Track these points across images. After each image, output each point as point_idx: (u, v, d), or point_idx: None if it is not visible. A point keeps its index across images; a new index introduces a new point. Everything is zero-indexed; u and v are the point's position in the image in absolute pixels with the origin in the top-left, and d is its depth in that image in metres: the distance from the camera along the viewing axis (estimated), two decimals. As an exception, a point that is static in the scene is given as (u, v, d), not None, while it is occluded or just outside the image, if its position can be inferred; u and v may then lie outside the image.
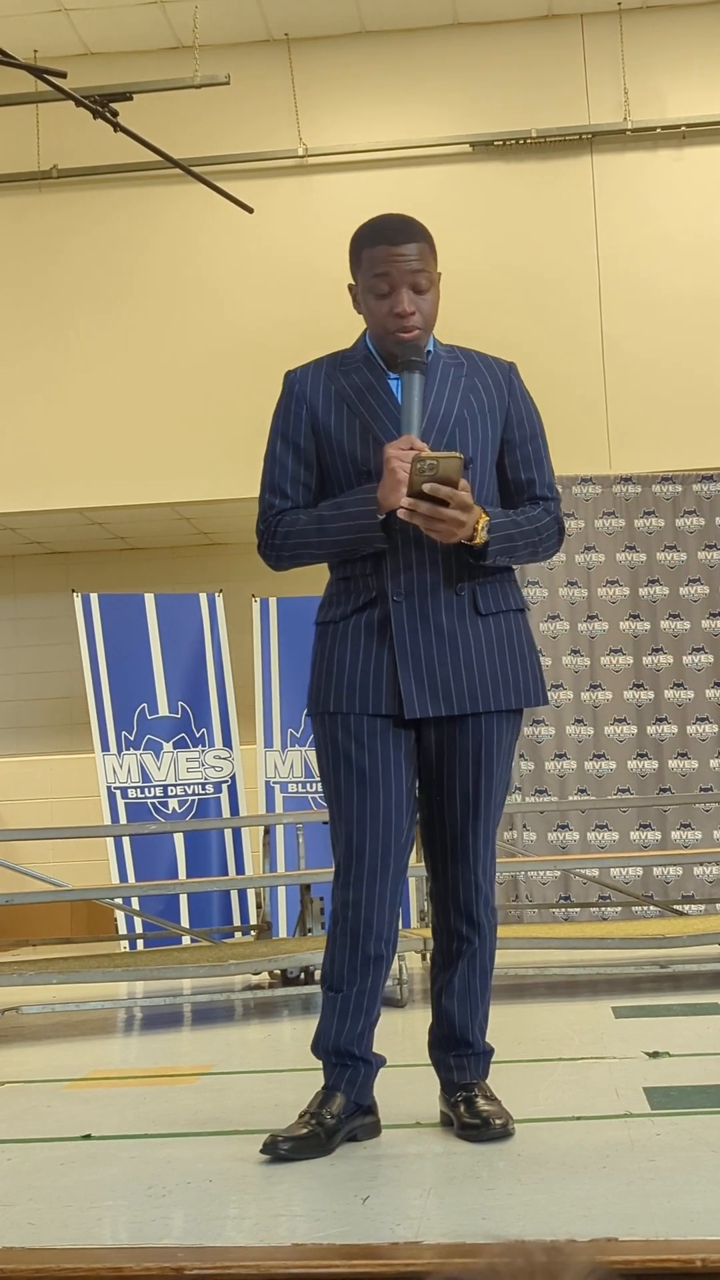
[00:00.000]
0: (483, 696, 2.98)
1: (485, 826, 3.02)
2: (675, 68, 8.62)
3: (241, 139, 8.68)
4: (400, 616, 2.96)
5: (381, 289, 3.00)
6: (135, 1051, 4.90)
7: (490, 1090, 3.03)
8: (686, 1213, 2.31)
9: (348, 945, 2.98)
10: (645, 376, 8.36)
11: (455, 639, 2.97)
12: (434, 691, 2.96)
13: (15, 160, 8.73)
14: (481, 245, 8.55)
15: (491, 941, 3.06)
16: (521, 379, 3.17)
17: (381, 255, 2.99)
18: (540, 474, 3.12)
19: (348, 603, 3.02)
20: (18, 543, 9.44)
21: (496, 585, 3.06)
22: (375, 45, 8.79)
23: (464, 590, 2.99)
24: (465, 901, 3.02)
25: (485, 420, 3.06)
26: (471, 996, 3.04)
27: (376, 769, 2.97)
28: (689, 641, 7.68)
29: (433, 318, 3.05)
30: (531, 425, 3.14)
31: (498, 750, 3.03)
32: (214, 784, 7.54)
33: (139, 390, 8.47)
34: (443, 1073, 3.06)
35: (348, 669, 2.99)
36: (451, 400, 3.04)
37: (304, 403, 3.08)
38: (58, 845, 8.60)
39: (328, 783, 3.04)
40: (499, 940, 3.15)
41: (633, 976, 5.59)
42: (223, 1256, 2.19)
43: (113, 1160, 2.97)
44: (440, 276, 3.09)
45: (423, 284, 3.01)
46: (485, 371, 3.13)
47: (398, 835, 2.98)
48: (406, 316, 2.99)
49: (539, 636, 7.66)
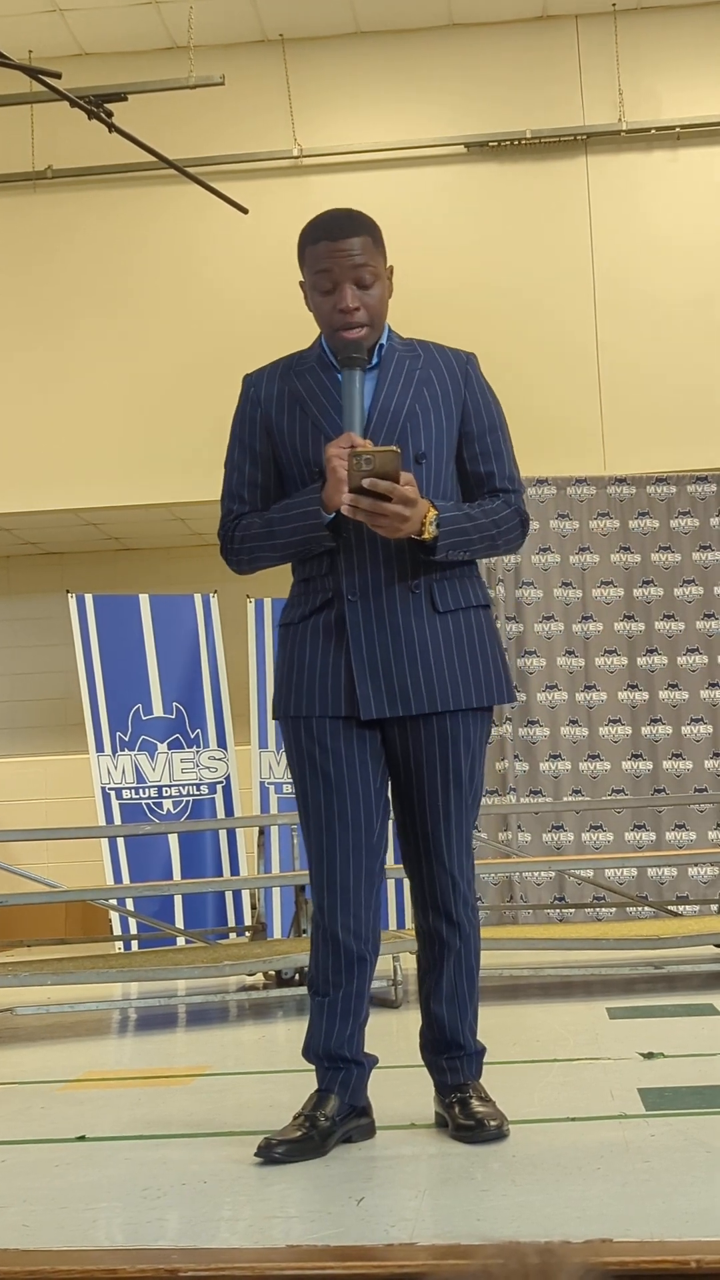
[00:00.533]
0: (441, 695, 2.94)
1: (458, 827, 2.98)
2: (670, 68, 8.63)
3: (236, 139, 8.68)
4: (355, 616, 2.93)
5: (325, 285, 2.97)
6: (130, 1053, 4.90)
7: (484, 1091, 3.02)
8: (681, 1213, 2.31)
9: (329, 949, 2.98)
10: (640, 377, 8.36)
11: (412, 637, 2.93)
12: (390, 692, 2.92)
13: (10, 161, 8.73)
14: (476, 245, 8.56)
15: (475, 941, 3.03)
16: (480, 370, 3.12)
17: (323, 251, 2.96)
18: (500, 466, 3.06)
19: (306, 604, 3.01)
20: (12, 543, 9.43)
21: (455, 582, 3.00)
22: (370, 46, 8.79)
23: (419, 588, 2.95)
24: (443, 903, 2.99)
25: (440, 413, 3.01)
26: (460, 998, 3.01)
27: (342, 772, 2.95)
28: (683, 642, 7.69)
29: (380, 312, 3.00)
30: (490, 417, 3.08)
31: (465, 749, 2.98)
32: (209, 785, 7.53)
33: (134, 391, 8.47)
34: (436, 1075, 3.05)
35: (307, 671, 2.97)
36: (404, 395, 3.00)
37: (258, 406, 3.07)
38: (52, 846, 8.59)
39: (296, 787, 3.03)
40: (493, 941, 3.16)
41: (627, 977, 5.59)
42: (217, 1258, 2.19)
43: (107, 1162, 2.97)
44: (391, 270, 3.04)
45: (366, 278, 2.96)
46: (441, 363, 3.07)
47: (369, 837, 2.96)
48: (350, 313, 2.95)
49: (534, 638, 7.67)
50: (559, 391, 8.38)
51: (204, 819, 7.42)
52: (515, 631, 7.68)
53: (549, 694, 7.62)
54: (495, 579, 7.68)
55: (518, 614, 7.69)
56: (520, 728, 7.60)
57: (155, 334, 8.50)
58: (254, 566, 3.08)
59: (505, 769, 7.54)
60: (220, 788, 7.56)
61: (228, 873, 7.42)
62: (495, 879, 7.48)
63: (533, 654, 7.66)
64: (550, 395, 8.37)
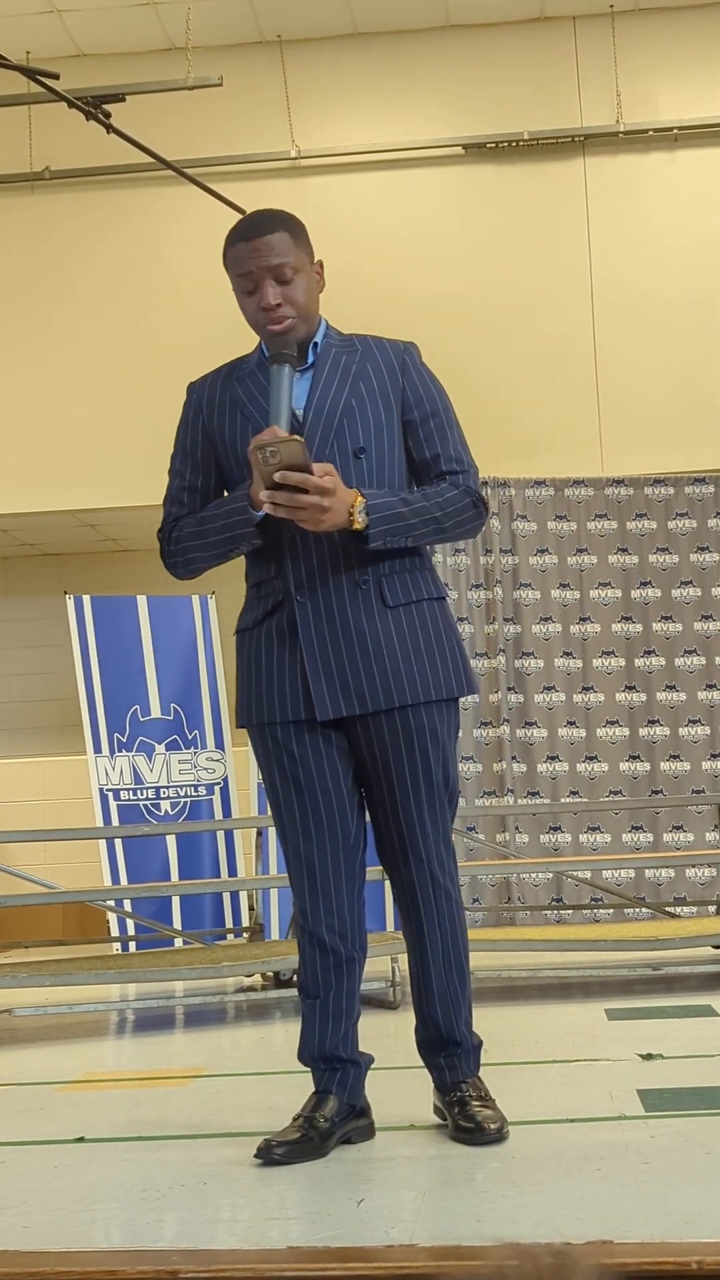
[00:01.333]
0: (398, 690, 2.89)
1: (432, 822, 2.93)
2: (667, 70, 8.63)
3: (234, 141, 8.69)
4: (306, 616, 2.90)
5: (246, 287, 2.96)
6: (128, 1054, 4.89)
7: (484, 1089, 3.00)
8: (682, 1215, 2.31)
9: (315, 952, 2.98)
10: (637, 379, 8.37)
11: (364, 634, 2.89)
12: (345, 690, 2.89)
13: (8, 161, 8.72)
14: (473, 247, 8.56)
15: (461, 935, 2.99)
16: (420, 358, 3.07)
17: (241, 253, 2.95)
18: (445, 448, 3.00)
19: (258, 608, 2.99)
20: (10, 545, 9.43)
21: (406, 576, 2.95)
22: (368, 47, 8.79)
23: (367, 583, 2.91)
24: (424, 900, 2.95)
25: (377, 405, 2.97)
26: (452, 996, 2.98)
27: (311, 776, 2.93)
28: (681, 644, 7.69)
29: (307, 305, 2.97)
30: (432, 402, 3.02)
31: (430, 742, 2.92)
32: (206, 786, 7.53)
33: (131, 391, 8.46)
34: (434, 1073, 3.03)
35: (264, 677, 2.95)
36: (340, 389, 2.97)
37: (200, 412, 3.06)
38: (50, 847, 8.59)
39: (269, 794, 3.01)
40: (491, 942, 3.16)
41: (625, 978, 5.59)
42: (217, 1259, 2.18)
43: (106, 1163, 2.97)
44: (321, 265, 3.02)
45: (286, 273, 2.93)
46: (378, 355, 3.03)
47: (345, 838, 2.95)
48: (273, 309, 2.93)
49: (532, 639, 7.67)
50: (557, 393, 8.39)
51: (202, 820, 7.42)
52: (513, 633, 7.68)
53: (547, 695, 7.62)
54: (493, 580, 7.68)
55: (515, 615, 7.70)
56: (518, 729, 7.60)
57: (153, 334, 8.50)
58: (190, 568, 3.06)
59: (503, 770, 7.54)
60: (218, 789, 7.56)
61: (225, 874, 7.42)
62: (493, 880, 7.48)
63: (530, 655, 7.66)
64: (548, 396, 8.37)
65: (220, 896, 7.33)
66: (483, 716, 7.65)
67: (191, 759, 7.52)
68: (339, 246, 9.51)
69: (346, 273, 8.75)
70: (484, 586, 7.74)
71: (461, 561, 7.73)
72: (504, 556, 7.73)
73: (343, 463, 2.91)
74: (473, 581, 7.75)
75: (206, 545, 2.98)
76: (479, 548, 7.75)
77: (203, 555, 3.00)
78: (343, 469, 2.89)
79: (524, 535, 7.75)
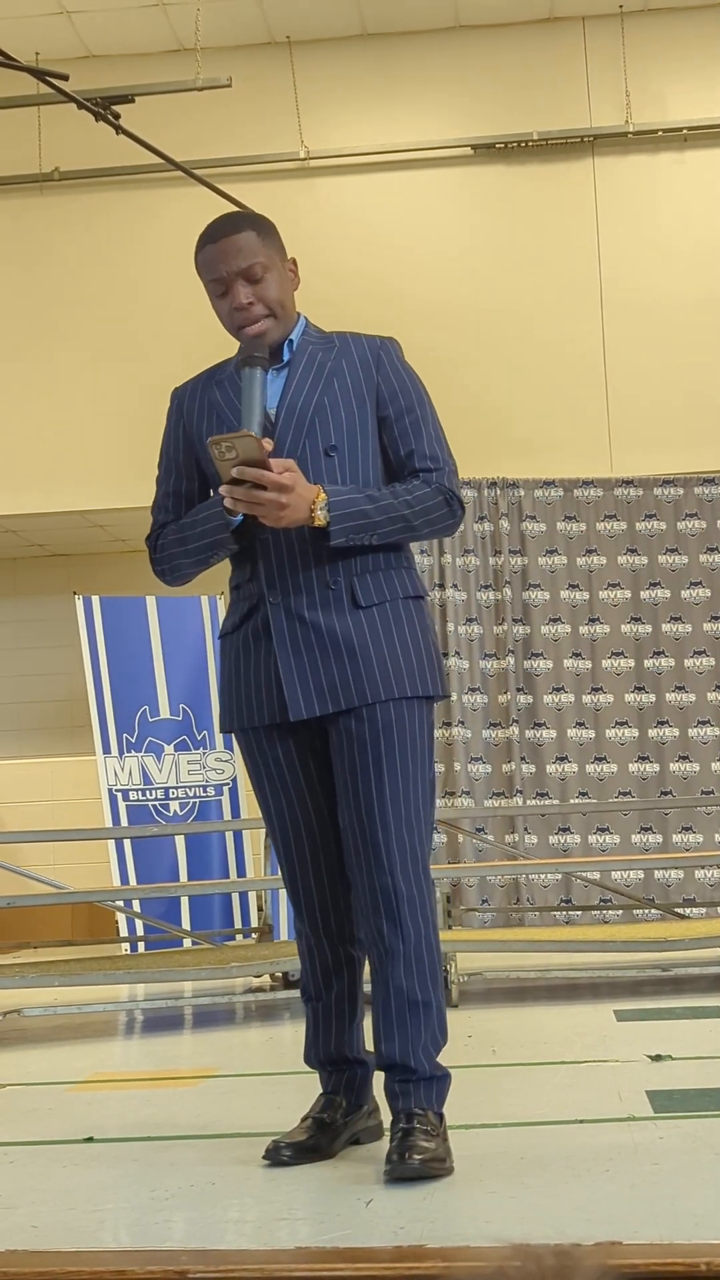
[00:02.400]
0: (370, 686, 2.82)
1: (398, 824, 2.78)
2: (677, 70, 8.62)
3: (243, 141, 8.69)
4: (279, 618, 2.87)
5: (218, 290, 2.95)
6: (137, 1054, 4.90)
7: (439, 1126, 2.74)
8: (690, 1216, 2.30)
9: (312, 955, 2.97)
10: (647, 379, 8.36)
11: (335, 634, 2.84)
12: (319, 689, 2.83)
13: (17, 162, 8.73)
14: (482, 247, 8.56)
15: (426, 953, 2.78)
16: (397, 353, 3.02)
17: (210, 256, 2.94)
18: (419, 444, 2.93)
19: (237, 612, 2.97)
20: (19, 545, 9.44)
21: (380, 575, 2.89)
22: (377, 48, 8.79)
23: (338, 584, 2.86)
24: (385, 908, 2.77)
25: (350, 402, 2.93)
26: (412, 1012, 2.77)
27: (299, 778, 2.91)
28: (690, 645, 7.68)
29: (280, 302, 2.95)
30: (408, 398, 2.96)
31: (399, 740, 2.82)
32: (215, 786, 7.53)
33: (141, 392, 8.45)
34: (387, 1098, 2.80)
35: (244, 682, 2.93)
36: (312, 389, 2.94)
37: (181, 418, 3.06)
38: (59, 848, 8.60)
39: (257, 798, 2.99)
40: (500, 943, 3.13)
41: (634, 979, 5.58)
42: (225, 1259, 2.18)
43: (115, 1163, 2.97)
44: (294, 263, 3.01)
45: (256, 272, 2.92)
46: (354, 351, 2.99)
47: (335, 838, 2.92)
48: (245, 309, 2.92)
49: (541, 640, 7.66)
50: (566, 393, 8.38)
51: (210, 820, 7.42)
52: (522, 634, 7.68)
53: (556, 696, 7.61)
54: (502, 581, 7.68)
55: (524, 616, 7.69)
56: (527, 730, 7.59)
57: (163, 334, 8.50)
58: (176, 575, 3.03)
59: (512, 771, 7.54)
60: (226, 789, 7.56)
61: (234, 874, 7.42)
62: (502, 881, 7.48)
63: (539, 656, 7.65)
64: (557, 397, 8.37)
65: (229, 897, 7.33)
66: (492, 717, 7.64)
67: (200, 759, 7.52)
68: (348, 247, 9.53)
69: (355, 272, 8.77)
70: (493, 587, 7.73)
71: (471, 562, 7.72)
72: (513, 557, 7.72)
73: (314, 461, 2.88)
74: (482, 582, 7.74)
75: (189, 551, 2.96)
76: (488, 548, 7.74)
77: (186, 561, 2.98)
78: (314, 467, 2.87)
79: (533, 536, 7.75)
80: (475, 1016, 4.91)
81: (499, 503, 7.71)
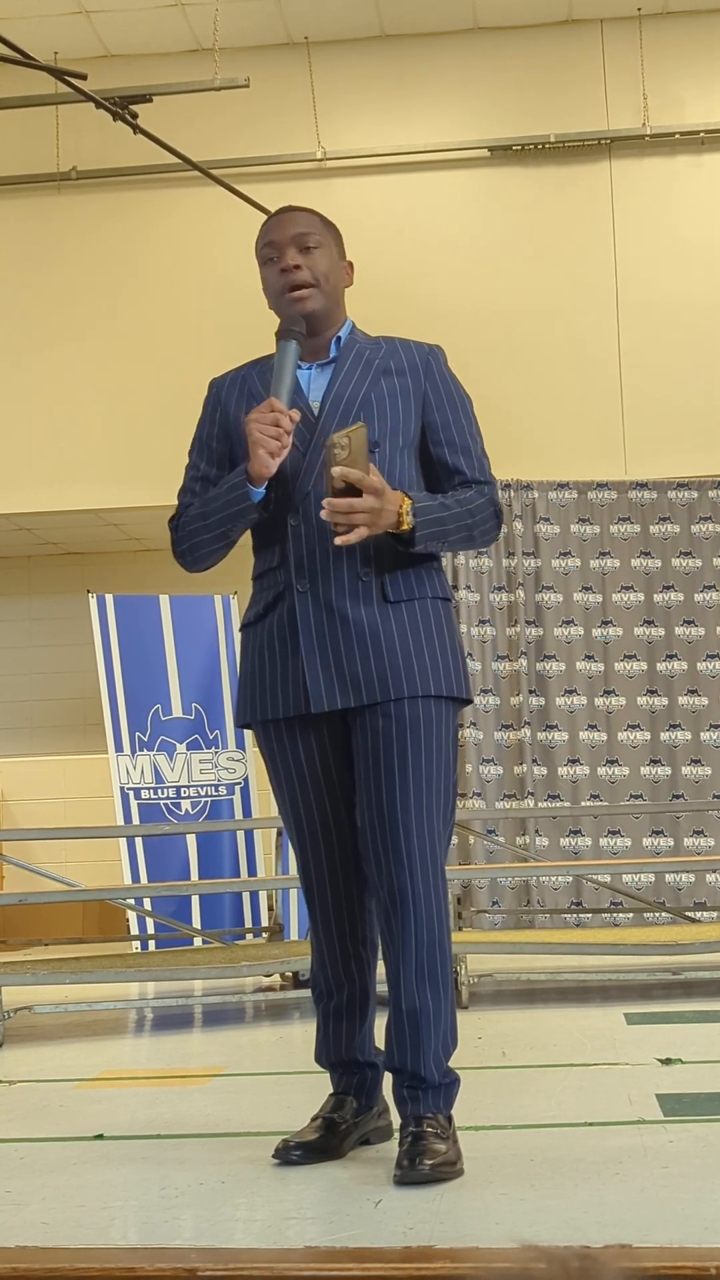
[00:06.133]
0: (395, 682, 2.79)
1: (419, 825, 2.75)
2: (695, 73, 8.61)
3: (260, 142, 8.70)
4: (306, 608, 2.84)
5: (269, 255, 2.96)
6: (147, 1052, 4.90)
7: (450, 1129, 2.73)
8: (701, 1219, 2.30)
9: (324, 953, 2.96)
10: (661, 382, 8.35)
11: (362, 626, 2.81)
12: (343, 682, 2.80)
13: (35, 161, 8.76)
14: (499, 249, 8.56)
15: (439, 957, 2.76)
16: (445, 363, 3.03)
17: (268, 225, 2.98)
18: (470, 459, 2.95)
19: (261, 601, 2.94)
20: (33, 543, 9.45)
21: (411, 574, 2.87)
22: (394, 49, 8.80)
23: (369, 576, 2.83)
24: (400, 909, 2.75)
25: (396, 403, 2.93)
26: (420, 1020, 2.74)
27: (317, 773, 2.88)
28: (703, 648, 7.67)
29: (329, 276, 2.95)
30: (454, 408, 2.98)
31: (425, 739, 2.79)
32: (227, 786, 7.54)
33: (156, 391, 8.48)
34: (396, 1102, 2.81)
35: (265, 672, 2.90)
36: (359, 384, 2.93)
37: (218, 405, 3.05)
38: (71, 845, 8.61)
39: (274, 793, 2.97)
40: (510, 945, 3.11)
41: (645, 983, 5.58)
42: (235, 1258, 2.19)
43: (125, 1161, 2.97)
44: (351, 266, 3.03)
45: (309, 241, 2.93)
46: (403, 354, 3.00)
47: (352, 836, 2.90)
48: (291, 270, 2.92)
49: (553, 642, 7.65)
50: (581, 395, 8.38)
51: (222, 820, 7.43)
52: (535, 635, 7.68)
53: (568, 698, 7.61)
54: (516, 583, 7.68)
55: (538, 618, 7.69)
56: (539, 732, 7.59)
57: (178, 334, 8.52)
58: (195, 554, 2.98)
59: (524, 773, 7.53)
60: (238, 789, 7.57)
61: (245, 873, 7.43)
62: (512, 883, 7.47)
63: (552, 658, 7.65)
64: (572, 399, 8.36)
65: (240, 896, 7.34)
66: (504, 719, 7.64)
67: (212, 758, 7.53)
68: (365, 248, 9.50)
69: (372, 274, 8.75)
70: (506, 589, 7.73)
71: (484, 564, 7.72)
72: (526, 559, 7.72)
73: None
74: (495, 584, 7.74)
75: (210, 525, 2.91)
76: (502, 550, 7.74)
77: (207, 537, 2.93)
78: None
79: (547, 538, 7.74)
80: (485, 1018, 4.91)
81: (513, 505, 7.71)
